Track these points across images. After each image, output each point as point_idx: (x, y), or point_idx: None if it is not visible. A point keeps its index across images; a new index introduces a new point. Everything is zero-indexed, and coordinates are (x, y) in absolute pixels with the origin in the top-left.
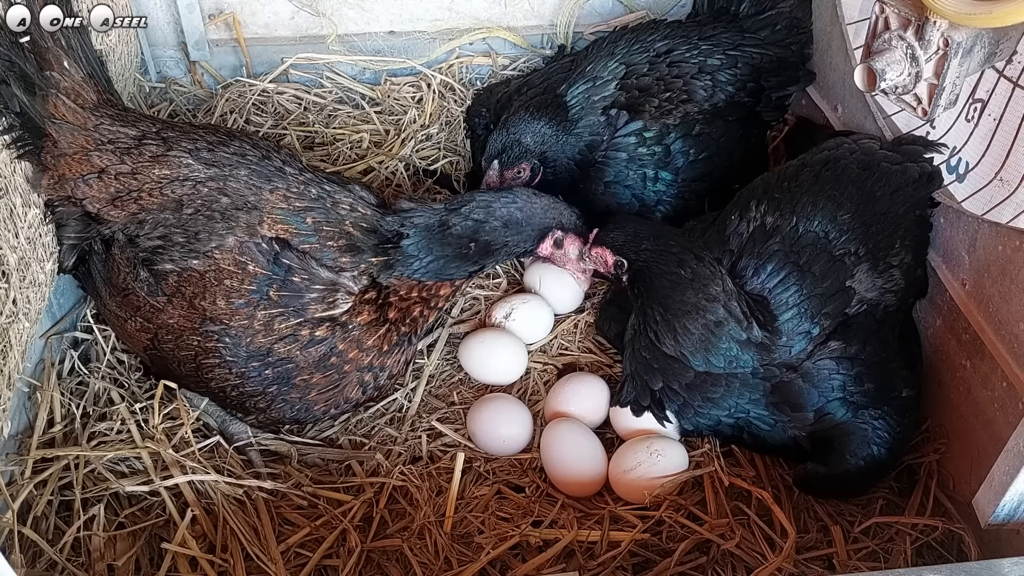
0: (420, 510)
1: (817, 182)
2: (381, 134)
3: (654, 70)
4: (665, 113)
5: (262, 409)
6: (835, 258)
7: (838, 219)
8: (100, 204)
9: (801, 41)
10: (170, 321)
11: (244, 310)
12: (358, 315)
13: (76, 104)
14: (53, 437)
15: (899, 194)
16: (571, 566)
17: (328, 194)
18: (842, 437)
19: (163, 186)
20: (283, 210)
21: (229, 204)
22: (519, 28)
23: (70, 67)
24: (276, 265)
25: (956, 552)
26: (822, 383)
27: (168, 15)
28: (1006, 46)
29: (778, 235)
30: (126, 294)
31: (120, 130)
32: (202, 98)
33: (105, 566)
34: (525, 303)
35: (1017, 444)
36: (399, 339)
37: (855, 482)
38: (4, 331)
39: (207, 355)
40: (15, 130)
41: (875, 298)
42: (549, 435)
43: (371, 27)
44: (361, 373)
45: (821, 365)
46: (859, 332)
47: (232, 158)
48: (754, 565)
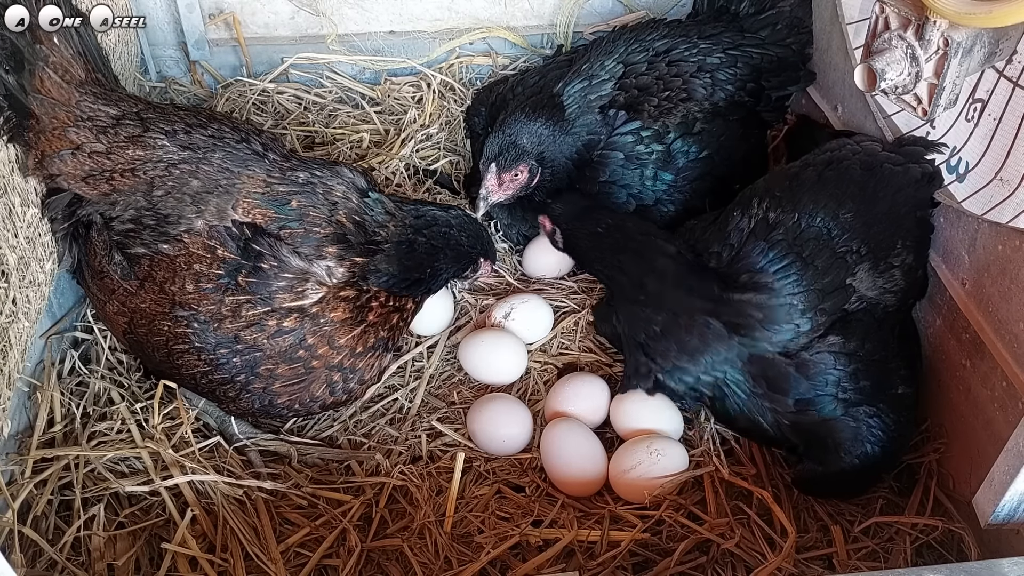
0: (420, 510)
1: (819, 181)
2: (381, 134)
3: (653, 69)
4: (664, 112)
5: (232, 398)
6: (837, 255)
7: (840, 217)
8: (73, 181)
9: (802, 41)
10: (143, 305)
11: (213, 295)
12: (332, 310)
13: (62, 79)
14: (53, 437)
15: (901, 195)
16: (571, 566)
17: (319, 179)
18: (834, 434)
19: (136, 167)
20: (261, 194)
21: (200, 187)
22: (519, 28)
23: (60, 43)
24: (245, 251)
25: (956, 552)
26: (816, 376)
27: (168, 15)
28: (1006, 46)
29: (781, 227)
30: (102, 277)
31: (101, 108)
32: (202, 98)
33: (105, 566)
34: (525, 303)
35: (1017, 444)
36: (376, 343)
37: (852, 481)
38: (4, 331)
39: (177, 340)
40: (2, 111)
41: (875, 297)
42: (549, 435)
43: (371, 27)
44: (330, 372)
45: (819, 359)
46: (858, 329)
47: (208, 140)
48: (754, 565)
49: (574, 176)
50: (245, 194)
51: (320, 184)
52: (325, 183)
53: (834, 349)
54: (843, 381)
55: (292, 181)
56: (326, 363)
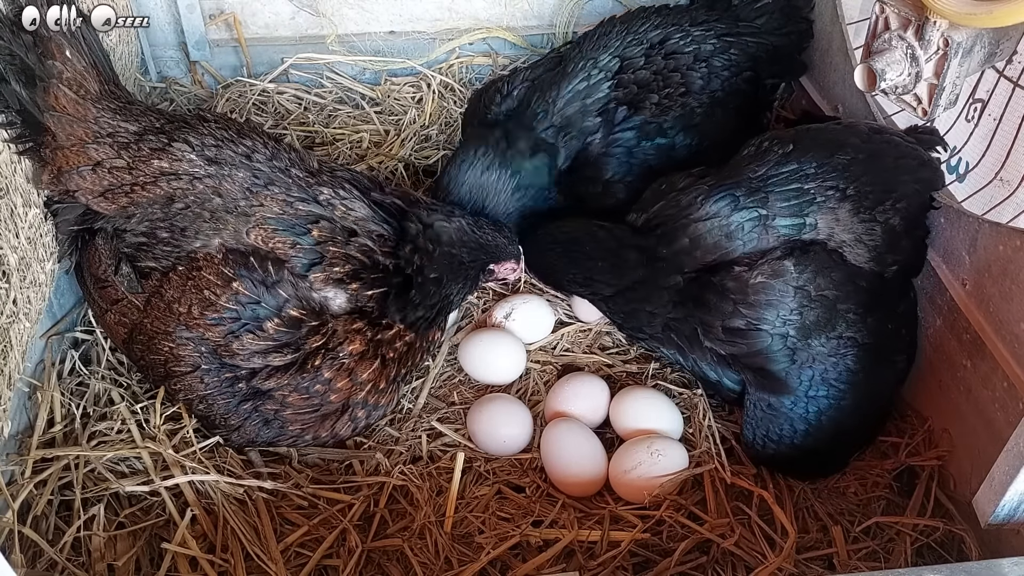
0: (420, 510)
1: (826, 128)
2: (381, 134)
3: (650, 63)
4: (664, 109)
5: (234, 427)
6: (805, 191)
7: (835, 158)
8: (91, 196)
9: (800, 30)
10: (145, 320)
11: (218, 327)
12: (350, 343)
13: (77, 95)
14: (53, 437)
15: (903, 162)
16: (571, 566)
17: (341, 200)
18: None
19: (158, 179)
20: (278, 218)
21: (220, 205)
22: (519, 28)
23: (72, 56)
24: (270, 294)
25: (956, 553)
26: (758, 305)
27: (168, 15)
28: (1006, 46)
29: (760, 159)
30: (105, 286)
31: (121, 124)
32: (202, 98)
33: (105, 566)
34: (525, 303)
35: (1017, 444)
36: (396, 377)
37: (807, 451)
38: (4, 331)
39: (177, 362)
40: (15, 127)
41: (848, 241)
42: (549, 435)
43: (371, 27)
44: (354, 409)
45: (766, 284)
46: (815, 262)
47: (236, 157)
48: (754, 565)
49: (565, 181)
50: (261, 219)
51: (341, 205)
52: (346, 206)
53: (783, 275)
54: (784, 314)
55: (314, 202)
56: (349, 399)
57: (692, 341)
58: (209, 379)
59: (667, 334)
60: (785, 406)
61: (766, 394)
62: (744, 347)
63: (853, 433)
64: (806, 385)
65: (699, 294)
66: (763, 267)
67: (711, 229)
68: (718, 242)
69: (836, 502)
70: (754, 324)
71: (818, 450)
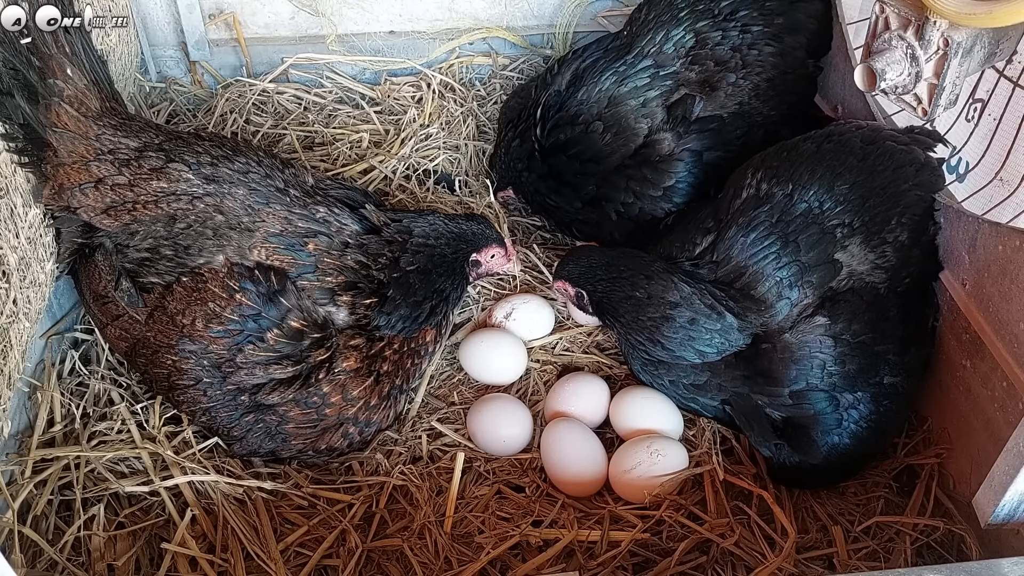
0: (420, 510)
1: (818, 152)
2: (381, 134)
3: (726, 39)
4: (739, 90)
5: (237, 438)
6: (825, 230)
7: (835, 189)
8: (93, 213)
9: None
10: (148, 334)
11: (223, 339)
12: (345, 360)
13: (79, 112)
14: (53, 437)
15: (902, 172)
16: (571, 566)
17: (336, 217)
18: (813, 425)
19: (159, 199)
20: (279, 236)
21: (223, 222)
22: (519, 28)
23: (73, 74)
24: (272, 305)
25: (956, 552)
26: (802, 360)
27: (168, 15)
28: (1006, 46)
29: (768, 203)
30: (105, 302)
31: (122, 141)
32: (202, 98)
33: (105, 566)
34: (525, 303)
35: (1017, 444)
36: (391, 391)
37: (827, 473)
38: (4, 331)
39: (180, 375)
40: (18, 141)
41: (866, 272)
42: (549, 435)
43: (371, 27)
44: (345, 424)
45: (804, 341)
46: (846, 310)
47: (234, 175)
48: (754, 565)
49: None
50: (264, 236)
51: (336, 222)
52: (340, 221)
53: (819, 331)
54: (828, 365)
55: (311, 218)
56: (340, 414)
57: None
58: (212, 392)
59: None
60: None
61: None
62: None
63: (873, 454)
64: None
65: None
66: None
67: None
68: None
69: (836, 502)
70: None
71: (837, 469)
